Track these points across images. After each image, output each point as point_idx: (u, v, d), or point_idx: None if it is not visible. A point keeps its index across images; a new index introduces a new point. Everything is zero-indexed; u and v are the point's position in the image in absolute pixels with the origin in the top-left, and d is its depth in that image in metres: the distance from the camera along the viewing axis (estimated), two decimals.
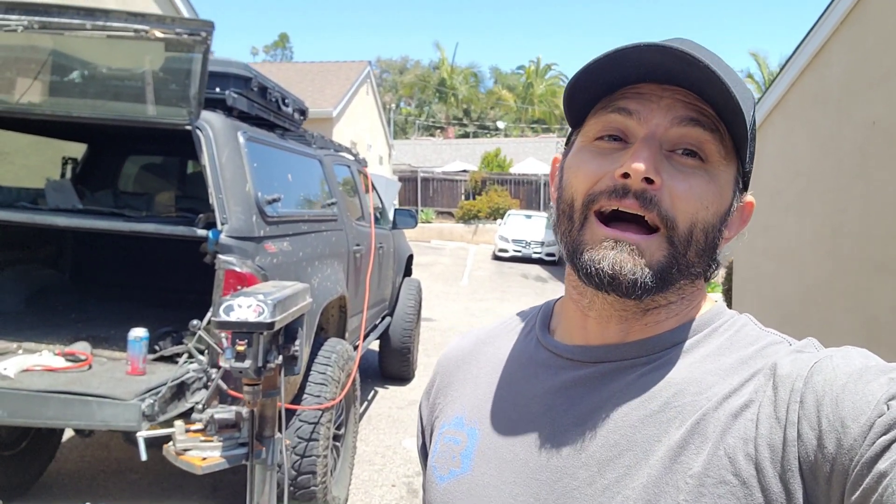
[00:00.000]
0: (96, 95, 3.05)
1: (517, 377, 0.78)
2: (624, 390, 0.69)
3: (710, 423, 0.63)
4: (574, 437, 0.69)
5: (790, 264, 6.06)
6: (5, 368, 2.57)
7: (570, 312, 0.76)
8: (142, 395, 2.47)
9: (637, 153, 0.65)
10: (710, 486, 0.60)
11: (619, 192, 0.66)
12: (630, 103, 0.68)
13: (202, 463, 1.99)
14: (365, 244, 5.07)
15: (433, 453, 0.81)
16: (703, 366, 0.68)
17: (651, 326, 0.71)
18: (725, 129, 0.67)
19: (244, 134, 3.22)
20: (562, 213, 0.72)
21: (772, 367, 0.64)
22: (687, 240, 0.66)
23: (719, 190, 0.68)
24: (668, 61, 0.64)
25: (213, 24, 2.69)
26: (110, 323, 3.69)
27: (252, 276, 2.90)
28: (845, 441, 0.55)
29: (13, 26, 2.75)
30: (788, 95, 6.30)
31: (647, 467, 0.63)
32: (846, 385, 0.58)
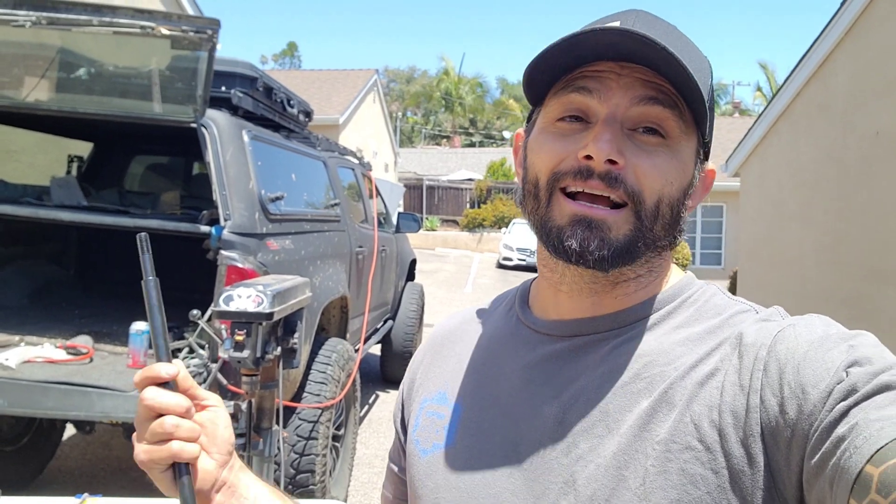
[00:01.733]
0: (102, 92, 3.08)
1: (498, 353, 0.80)
2: (597, 363, 0.70)
3: (676, 391, 0.64)
4: (551, 409, 0.71)
5: (792, 272, 6.05)
6: (7, 359, 2.59)
7: (544, 289, 0.78)
8: None
9: (599, 136, 0.66)
10: (677, 452, 0.61)
11: (583, 174, 0.67)
12: (589, 82, 0.68)
13: None
14: (367, 246, 5.08)
15: (415, 427, 0.83)
16: (673, 336, 0.69)
17: (621, 299, 0.73)
18: (684, 104, 0.68)
19: (249, 132, 3.24)
20: (527, 193, 0.73)
21: (737, 336, 0.65)
22: (654, 215, 0.68)
23: (681, 165, 0.69)
24: (626, 42, 0.64)
25: (219, 21, 2.72)
26: (113, 319, 3.71)
27: (253, 271, 2.91)
28: (805, 407, 0.57)
29: (21, 22, 2.78)
30: (793, 105, 6.31)
31: (618, 436, 0.65)
32: (807, 353, 0.60)
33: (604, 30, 0.64)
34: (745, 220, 7.58)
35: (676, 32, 0.71)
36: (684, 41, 0.70)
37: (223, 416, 0.76)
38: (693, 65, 0.65)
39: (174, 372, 0.71)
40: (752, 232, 7.27)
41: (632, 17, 0.69)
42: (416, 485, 0.80)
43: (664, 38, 0.65)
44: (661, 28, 0.69)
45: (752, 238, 7.27)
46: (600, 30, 0.64)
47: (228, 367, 2.94)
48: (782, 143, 6.60)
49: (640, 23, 0.68)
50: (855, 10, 5.24)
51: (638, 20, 0.69)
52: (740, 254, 7.86)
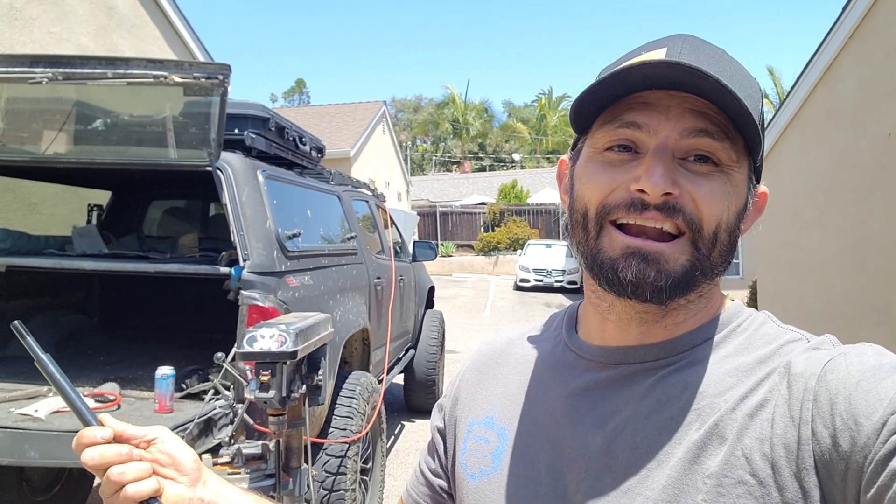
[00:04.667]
0: (119, 142, 3.14)
1: (544, 378, 0.80)
2: (644, 393, 0.69)
3: (727, 424, 0.63)
4: (595, 439, 0.70)
5: (814, 280, 5.99)
6: (36, 410, 2.61)
7: (591, 315, 0.77)
8: None
9: (651, 169, 0.65)
10: (729, 486, 0.60)
11: (637, 206, 0.66)
12: (638, 116, 0.67)
13: None
14: (386, 277, 5.10)
15: (463, 451, 0.83)
16: (722, 367, 0.68)
17: (670, 328, 0.71)
18: (736, 132, 0.66)
19: (263, 172, 3.29)
20: (576, 223, 0.72)
21: (786, 365, 0.64)
22: (712, 242, 0.67)
23: (736, 190, 0.68)
24: (675, 74, 0.63)
25: (229, 67, 2.78)
26: (138, 364, 3.74)
27: (275, 310, 2.93)
28: (859, 439, 0.56)
29: (38, 78, 2.86)
30: (802, 112, 6.30)
31: (668, 469, 0.64)
32: (859, 383, 0.58)
33: (654, 63, 0.64)
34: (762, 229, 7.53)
35: (726, 57, 0.69)
36: (734, 66, 0.69)
37: (173, 441, 0.79)
38: (743, 91, 0.64)
39: (107, 434, 0.74)
40: (769, 241, 7.22)
41: (679, 44, 0.68)
42: None
43: (713, 66, 0.64)
44: (710, 54, 0.68)
45: (769, 247, 7.21)
46: (650, 63, 0.64)
47: (255, 408, 2.95)
48: (793, 151, 6.58)
49: (688, 49, 0.67)
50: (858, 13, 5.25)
51: (686, 46, 0.68)
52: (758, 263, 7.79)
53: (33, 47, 5.00)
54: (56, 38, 5.27)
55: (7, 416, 2.66)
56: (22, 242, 3.66)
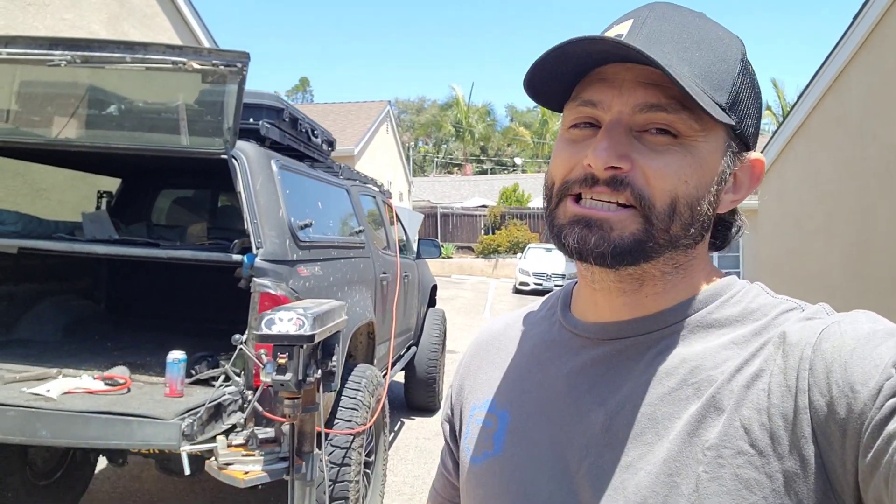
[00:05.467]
0: (133, 128, 3.15)
1: (543, 358, 0.80)
2: (642, 369, 0.70)
3: (724, 395, 0.64)
4: (597, 416, 0.70)
5: (818, 287, 6.01)
6: (48, 391, 2.62)
7: (583, 290, 0.79)
8: (181, 415, 2.50)
9: (597, 144, 0.66)
10: (729, 457, 0.61)
11: (588, 181, 0.67)
12: (594, 94, 0.68)
13: (244, 476, 2.01)
14: (391, 272, 5.12)
15: (465, 435, 0.84)
16: (718, 339, 0.68)
17: (653, 298, 0.72)
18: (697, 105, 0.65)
19: (277, 162, 3.30)
20: (545, 198, 0.75)
21: (781, 335, 0.64)
22: (669, 215, 0.66)
23: (698, 161, 0.67)
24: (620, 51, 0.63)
25: (248, 54, 2.79)
26: (146, 350, 3.74)
27: (286, 298, 2.94)
28: (856, 406, 0.56)
29: (56, 61, 2.87)
30: (809, 120, 6.32)
31: (668, 442, 0.65)
32: (854, 350, 0.59)
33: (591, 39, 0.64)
34: (765, 236, 7.55)
35: (695, 23, 0.69)
36: (702, 33, 0.68)
37: None
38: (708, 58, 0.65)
39: None
40: (772, 248, 7.24)
41: (644, 14, 0.69)
42: (468, 493, 0.81)
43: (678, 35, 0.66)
44: (677, 22, 0.68)
45: (773, 254, 7.23)
46: (588, 39, 0.64)
47: (265, 395, 2.96)
48: (800, 159, 6.60)
49: (654, 19, 0.68)
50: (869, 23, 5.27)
51: (652, 17, 0.68)
52: (761, 271, 7.81)
53: (46, 33, 5.02)
54: (68, 25, 5.28)
55: (18, 395, 2.66)
56: (33, 226, 3.67)
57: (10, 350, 3.52)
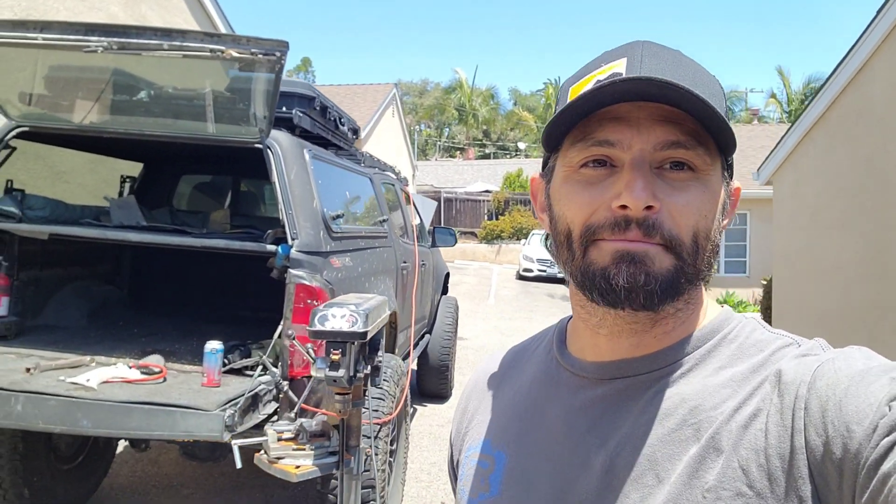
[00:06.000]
0: (168, 115, 3.13)
1: (540, 398, 0.79)
2: (642, 409, 0.69)
3: (723, 435, 0.63)
4: (598, 458, 0.69)
5: (834, 282, 6.02)
6: (88, 380, 2.63)
7: (581, 330, 0.77)
8: (223, 406, 2.51)
9: (632, 184, 0.64)
10: (727, 499, 0.60)
11: (621, 225, 0.65)
12: (610, 133, 0.67)
13: (296, 471, 2.02)
14: (410, 261, 5.11)
15: (462, 476, 0.83)
16: (716, 378, 0.68)
17: (660, 338, 0.72)
18: (706, 134, 0.67)
19: (309, 151, 3.29)
20: (560, 244, 0.72)
21: (777, 373, 0.64)
22: (693, 250, 0.67)
23: (712, 195, 0.68)
24: (644, 86, 0.63)
25: (287, 43, 2.76)
26: (172, 337, 3.75)
27: (321, 290, 2.94)
28: (851, 445, 0.56)
29: (93, 47, 2.84)
30: (829, 113, 6.29)
31: (668, 485, 0.64)
32: (848, 388, 0.58)
33: (624, 81, 0.63)
34: (779, 228, 7.54)
35: (685, 60, 0.69)
36: (694, 67, 0.69)
37: None
38: (708, 91, 0.65)
39: None
40: (787, 240, 7.23)
41: (638, 52, 0.68)
42: None
43: (676, 72, 0.65)
44: (670, 60, 0.68)
45: (787, 247, 7.22)
46: (620, 81, 0.63)
47: (298, 385, 2.97)
48: (818, 151, 6.58)
49: (649, 57, 0.67)
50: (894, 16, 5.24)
51: (646, 55, 0.67)
52: (774, 263, 7.81)
53: (66, 14, 4.98)
54: (87, 6, 5.24)
55: (57, 384, 2.66)
56: (60, 211, 3.66)
57: (38, 335, 3.52)
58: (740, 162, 16.92)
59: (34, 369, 2.78)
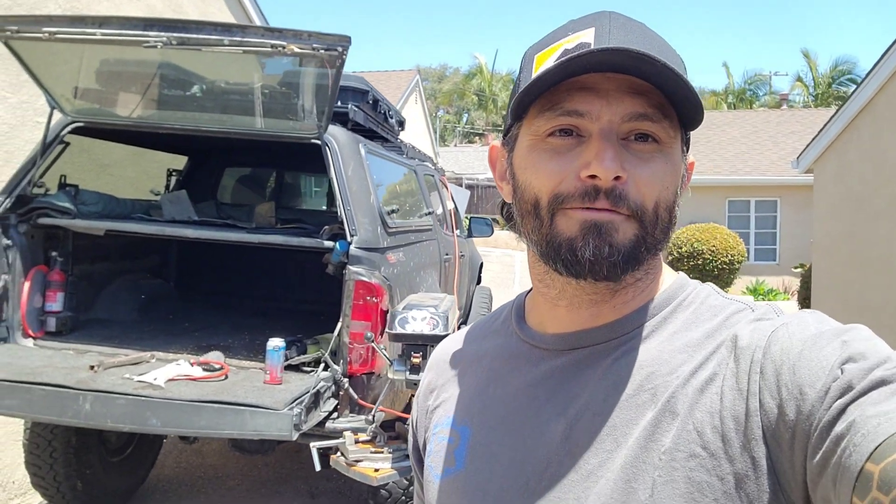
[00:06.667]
0: (227, 110, 3.11)
1: (501, 372, 0.80)
2: (600, 377, 0.70)
3: (678, 399, 0.64)
4: (557, 426, 0.70)
5: (881, 272, 5.90)
6: (156, 378, 2.63)
7: (540, 303, 0.78)
8: (290, 405, 2.50)
9: (601, 153, 0.65)
10: (681, 460, 0.61)
11: (590, 195, 0.65)
12: (579, 104, 0.66)
13: (376, 475, 2.00)
14: (451, 253, 5.09)
15: (429, 453, 0.84)
16: (672, 343, 0.69)
17: (619, 307, 0.72)
18: (671, 108, 0.67)
19: (364, 146, 3.26)
20: (525, 213, 0.71)
21: (732, 338, 0.65)
22: (654, 220, 0.68)
23: (674, 167, 0.69)
24: (616, 57, 0.63)
25: (349, 38, 2.72)
26: (224, 332, 3.75)
27: (380, 286, 2.91)
28: (804, 407, 0.57)
29: (152, 42, 2.82)
30: (876, 99, 6.15)
31: (626, 449, 0.65)
32: (802, 352, 0.59)
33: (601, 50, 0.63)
34: (820, 217, 7.40)
35: (650, 32, 0.69)
36: (658, 41, 0.69)
37: None
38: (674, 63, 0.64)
39: None
40: (829, 229, 7.10)
41: (606, 23, 0.68)
42: None
43: (643, 44, 0.65)
44: (637, 31, 0.68)
45: (828, 235, 7.10)
46: (597, 50, 0.63)
47: (357, 382, 2.95)
48: (863, 139, 6.44)
49: (616, 28, 0.67)
50: None
51: (613, 26, 0.67)
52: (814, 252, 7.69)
53: (108, 6, 4.97)
54: None
55: (124, 382, 2.67)
56: (111, 206, 3.66)
57: (92, 330, 3.54)
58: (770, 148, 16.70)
59: (98, 367, 2.79)
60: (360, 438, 2.14)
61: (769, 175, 15.25)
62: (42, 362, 2.88)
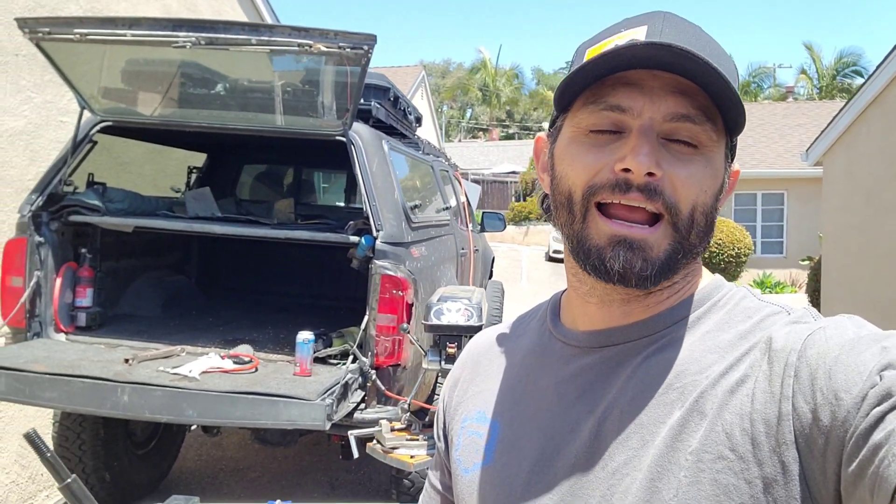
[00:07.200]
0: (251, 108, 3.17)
1: (533, 368, 0.81)
2: (629, 374, 0.70)
3: (707, 399, 0.64)
4: (586, 424, 0.70)
5: (888, 266, 5.95)
6: (191, 371, 2.69)
7: (573, 300, 0.78)
8: (322, 396, 2.56)
9: (637, 148, 0.65)
10: (709, 462, 0.61)
11: (622, 187, 0.66)
12: (622, 99, 0.67)
13: (412, 461, 2.07)
14: (466, 247, 5.15)
15: (457, 447, 0.84)
16: (704, 343, 0.68)
17: (652, 306, 0.72)
18: (716, 111, 0.67)
19: (387, 143, 3.32)
20: (560, 205, 0.72)
21: (767, 340, 0.64)
22: (689, 224, 0.67)
23: (714, 171, 0.68)
24: (663, 55, 0.63)
25: (375, 37, 2.77)
26: (248, 326, 3.82)
27: (405, 280, 2.98)
28: (839, 413, 0.55)
29: (181, 43, 2.88)
30: (886, 92, 6.18)
31: (653, 448, 0.65)
32: (839, 357, 0.58)
33: (645, 44, 0.63)
34: (829, 210, 7.44)
35: (705, 36, 0.69)
36: (713, 45, 0.68)
37: None
38: (724, 68, 0.64)
39: None
40: (839, 223, 7.14)
41: (659, 22, 0.68)
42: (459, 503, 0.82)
43: (695, 45, 0.64)
44: (690, 32, 0.68)
45: (838, 229, 7.14)
46: (641, 44, 0.63)
47: (383, 373, 3.02)
48: (873, 132, 6.47)
49: (669, 28, 0.67)
50: None
51: (666, 25, 0.67)
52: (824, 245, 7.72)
53: (126, 6, 5.02)
54: None
55: (159, 374, 2.74)
56: (137, 203, 3.73)
57: (120, 325, 3.61)
58: (776, 140, 16.70)
59: (132, 360, 2.86)
60: (396, 427, 2.20)
61: (776, 168, 15.27)
62: (77, 356, 2.95)
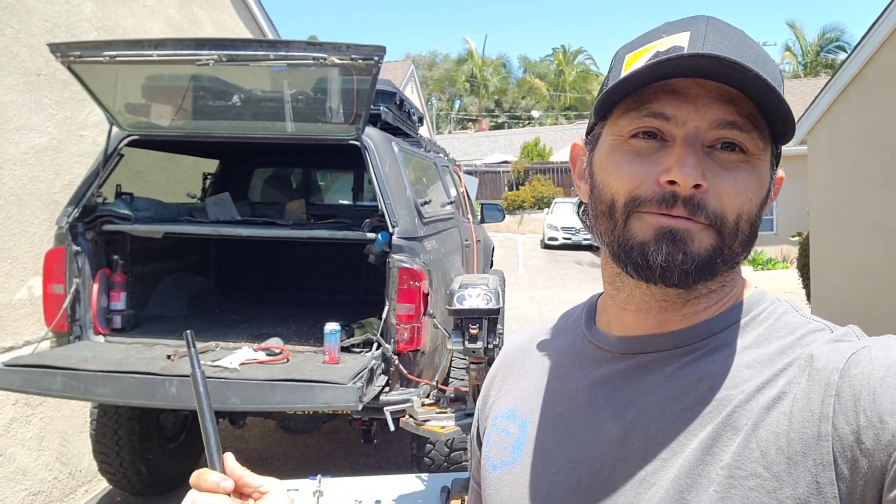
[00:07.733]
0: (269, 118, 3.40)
1: (565, 370, 0.81)
2: (661, 383, 0.69)
3: (741, 415, 0.63)
4: (612, 430, 0.70)
5: (876, 237, 6.21)
6: (231, 363, 2.93)
7: (610, 305, 0.78)
8: (353, 379, 2.81)
9: (683, 160, 0.63)
10: (741, 479, 0.60)
11: (668, 202, 0.64)
12: (666, 107, 0.65)
13: (443, 431, 2.30)
14: (469, 238, 5.39)
15: (487, 443, 0.85)
16: (741, 358, 0.67)
17: (689, 316, 0.71)
18: (762, 119, 0.65)
19: (397, 144, 3.55)
20: (601, 214, 0.71)
21: (807, 357, 0.63)
22: (734, 232, 0.66)
23: (760, 179, 0.67)
24: (707, 63, 0.62)
25: (384, 48, 3.00)
26: (270, 322, 4.06)
27: (421, 271, 3.22)
28: (883, 437, 0.54)
29: (205, 60, 3.10)
30: (865, 71, 6.44)
31: (682, 459, 0.64)
32: (884, 378, 0.57)
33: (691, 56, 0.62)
34: (815, 187, 7.70)
35: (749, 41, 0.67)
36: (757, 50, 0.66)
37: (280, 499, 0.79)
38: (769, 75, 0.63)
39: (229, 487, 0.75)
40: (825, 199, 7.40)
41: (702, 28, 0.66)
42: (487, 500, 0.83)
43: (740, 52, 0.63)
44: (734, 39, 0.66)
45: (825, 205, 7.40)
46: (688, 55, 0.62)
47: (405, 358, 3.27)
48: (854, 110, 6.73)
49: (713, 34, 0.65)
50: None
51: (710, 31, 0.65)
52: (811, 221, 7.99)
53: (133, 21, 5.22)
54: (150, 11, 5.49)
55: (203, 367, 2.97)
56: (161, 210, 3.95)
57: (151, 326, 3.85)
58: None
59: (174, 356, 3.09)
60: (425, 402, 2.44)
61: None
62: (120, 355, 3.19)
